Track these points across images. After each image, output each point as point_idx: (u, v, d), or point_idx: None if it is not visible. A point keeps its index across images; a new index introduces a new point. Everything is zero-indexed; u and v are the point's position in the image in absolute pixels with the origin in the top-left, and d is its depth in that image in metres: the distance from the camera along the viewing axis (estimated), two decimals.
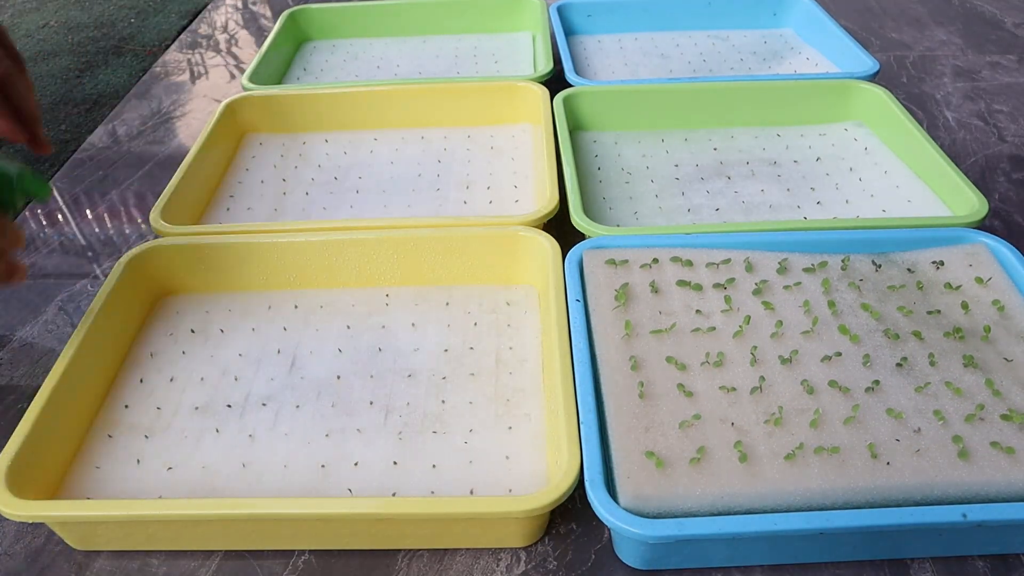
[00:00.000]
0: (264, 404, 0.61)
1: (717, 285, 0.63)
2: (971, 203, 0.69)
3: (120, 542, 0.53)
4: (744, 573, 0.51)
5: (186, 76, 1.19)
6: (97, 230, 0.86)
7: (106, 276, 0.73)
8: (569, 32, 1.14)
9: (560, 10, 1.12)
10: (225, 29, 1.35)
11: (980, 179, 0.87)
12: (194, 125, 1.05)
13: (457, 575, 0.52)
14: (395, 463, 0.56)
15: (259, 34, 1.33)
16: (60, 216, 0.89)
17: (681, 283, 0.63)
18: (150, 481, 0.55)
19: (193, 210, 0.79)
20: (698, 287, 0.63)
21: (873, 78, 0.91)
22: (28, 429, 0.53)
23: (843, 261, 0.65)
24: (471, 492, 0.54)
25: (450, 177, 0.85)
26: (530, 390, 0.61)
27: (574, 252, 0.65)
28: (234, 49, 1.28)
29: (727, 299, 0.62)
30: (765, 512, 0.48)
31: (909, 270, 0.64)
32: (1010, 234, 0.79)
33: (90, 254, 0.82)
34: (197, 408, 0.61)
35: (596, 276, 0.63)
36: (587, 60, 1.07)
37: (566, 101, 0.87)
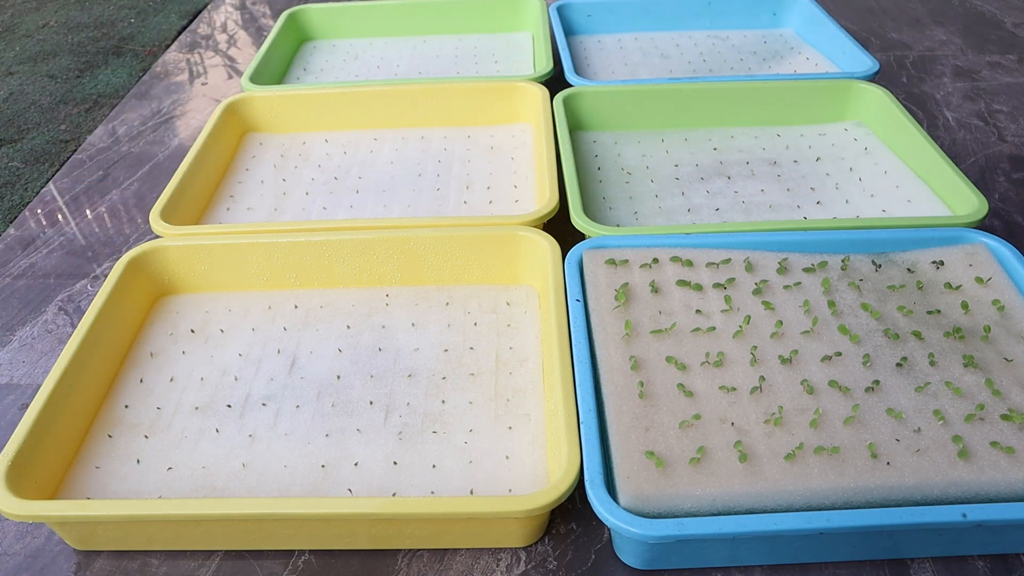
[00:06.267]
0: (264, 404, 0.61)
1: (717, 285, 0.63)
2: (971, 203, 0.69)
3: (120, 542, 0.53)
4: (744, 573, 0.51)
5: (186, 76, 1.19)
6: (97, 230, 0.86)
7: (106, 276, 0.73)
8: (569, 32, 1.14)
9: (560, 10, 1.12)
10: (225, 29, 1.35)
11: (980, 179, 0.87)
12: (194, 125, 1.05)
13: (457, 575, 0.52)
14: (395, 463, 0.56)
15: (259, 34, 1.33)
16: (60, 216, 0.89)
17: (681, 283, 0.63)
18: (150, 481, 0.55)
19: (193, 210, 0.79)
20: (698, 287, 0.63)
21: (873, 78, 0.91)
22: (28, 429, 0.53)
23: (843, 261, 0.65)
24: (471, 492, 0.54)
25: (450, 177, 0.85)
26: (530, 390, 0.61)
27: (574, 252, 0.65)
28: (234, 49, 1.28)
29: (727, 299, 0.62)
30: (765, 512, 0.48)
31: (909, 270, 0.64)
32: (1010, 234, 0.79)
33: (90, 254, 0.82)
34: (197, 408, 0.61)
35: (596, 276, 0.63)
36: (587, 60, 1.07)
37: (566, 101, 0.87)
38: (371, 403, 0.60)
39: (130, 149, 1.00)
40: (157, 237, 0.71)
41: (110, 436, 0.59)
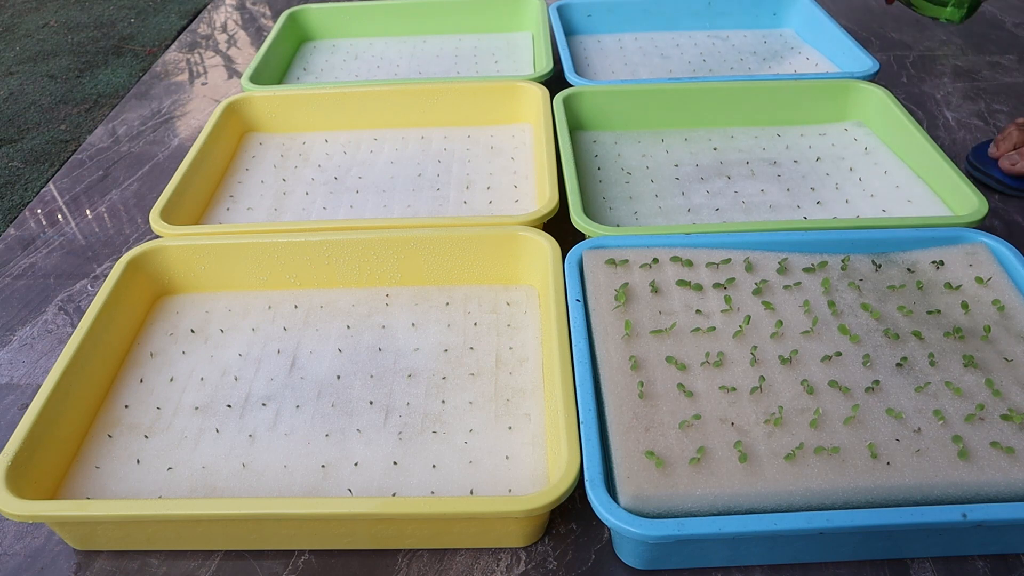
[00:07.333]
0: (264, 404, 0.61)
1: (717, 285, 0.63)
2: (971, 203, 0.69)
3: (120, 542, 0.53)
4: (744, 573, 0.51)
5: (186, 76, 1.19)
6: (97, 230, 0.86)
7: (106, 276, 0.73)
8: (569, 32, 1.14)
9: (560, 10, 1.12)
10: (225, 29, 1.35)
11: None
12: (194, 125, 1.05)
13: (457, 575, 0.52)
14: (395, 463, 0.56)
15: (259, 34, 1.33)
16: (60, 216, 0.89)
17: (681, 283, 0.63)
18: (150, 481, 0.55)
19: (193, 210, 0.79)
20: (698, 287, 0.63)
21: (873, 78, 0.91)
22: (28, 429, 0.53)
23: (843, 261, 0.65)
24: (471, 492, 0.54)
25: (450, 177, 0.85)
26: (530, 390, 0.61)
27: (574, 252, 0.65)
28: (234, 49, 1.28)
29: (727, 299, 0.62)
30: (765, 512, 0.48)
31: (909, 270, 0.64)
32: (1010, 234, 0.79)
33: (90, 254, 0.82)
34: (197, 408, 0.61)
35: (596, 276, 0.63)
36: (587, 60, 1.07)
37: (566, 101, 0.87)
38: (371, 403, 0.60)
39: (130, 149, 1.00)
40: (157, 237, 0.71)
41: (110, 436, 0.59)
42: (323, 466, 0.56)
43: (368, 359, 0.64)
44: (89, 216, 0.88)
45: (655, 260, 0.65)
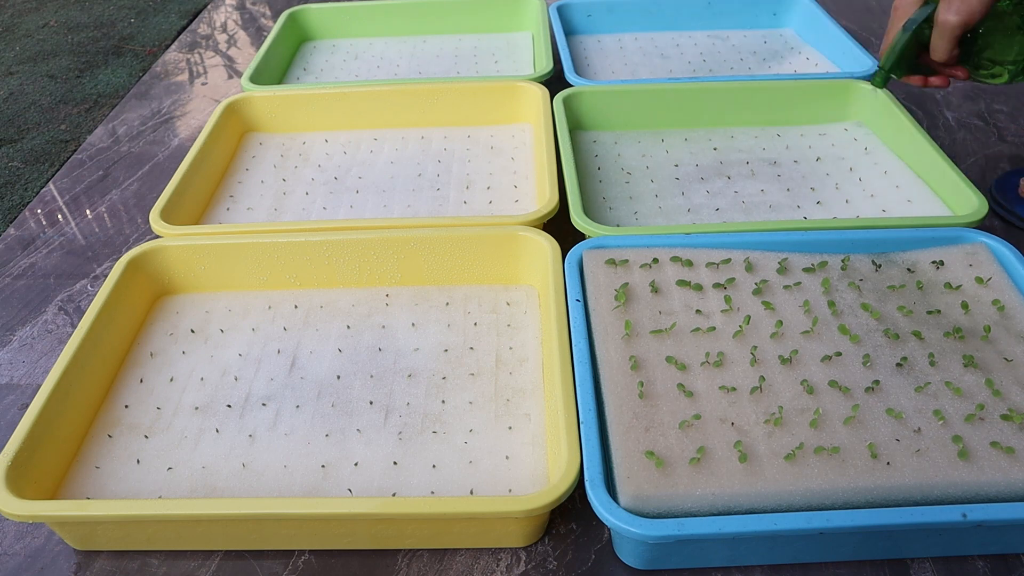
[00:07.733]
0: (264, 404, 0.61)
1: (717, 285, 0.63)
2: (971, 203, 0.69)
3: (120, 542, 0.53)
4: (744, 573, 0.51)
5: (186, 76, 1.19)
6: (97, 230, 0.86)
7: (106, 276, 0.73)
8: (569, 32, 1.14)
9: (560, 10, 1.12)
10: (225, 29, 1.35)
11: (980, 179, 0.87)
12: (194, 125, 1.05)
13: (457, 575, 0.52)
14: (395, 463, 0.56)
15: (259, 34, 1.33)
16: (60, 216, 0.89)
17: (681, 283, 0.63)
18: (150, 481, 0.55)
19: (193, 210, 0.79)
20: (698, 287, 0.63)
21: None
22: (28, 429, 0.53)
23: (843, 261, 0.65)
24: (471, 492, 0.54)
25: (450, 177, 0.85)
26: (530, 390, 0.61)
27: (574, 252, 0.65)
28: (234, 49, 1.28)
29: (727, 299, 0.62)
30: (765, 512, 0.48)
31: (909, 270, 0.64)
32: (1010, 234, 0.79)
33: (90, 254, 0.82)
34: (197, 408, 0.61)
35: (596, 276, 0.63)
36: (587, 60, 1.07)
37: (566, 101, 0.87)
38: (371, 403, 0.60)
39: (130, 149, 1.00)
40: (157, 237, 0.71)
41: (110, 436, 0.59)
42: (323, 466, 0.56)
43: (368, 359, 0.64)
44: (89, 216, 0.88)
45: (655, 260, 0.65)
